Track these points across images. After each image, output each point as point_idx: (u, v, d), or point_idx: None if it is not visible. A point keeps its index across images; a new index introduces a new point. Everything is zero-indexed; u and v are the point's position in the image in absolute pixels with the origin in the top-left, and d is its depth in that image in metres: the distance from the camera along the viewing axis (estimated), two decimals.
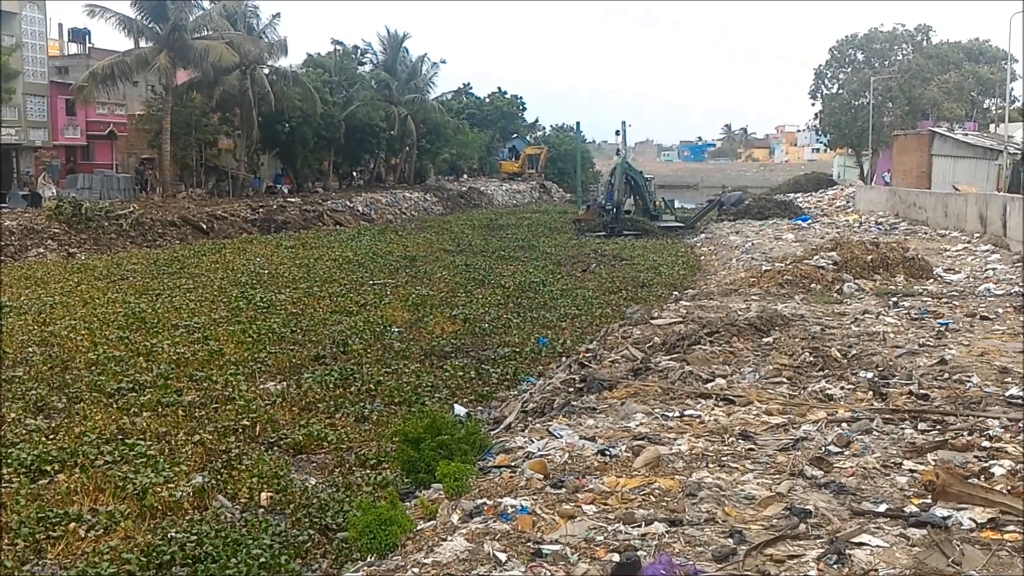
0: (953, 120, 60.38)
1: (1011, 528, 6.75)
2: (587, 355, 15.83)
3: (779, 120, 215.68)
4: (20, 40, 49.62)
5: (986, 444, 8.95)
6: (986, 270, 24.52)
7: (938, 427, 9.73)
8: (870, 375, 12.28)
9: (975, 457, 8.56)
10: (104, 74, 49.84)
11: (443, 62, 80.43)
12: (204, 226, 44.63)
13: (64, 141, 55.77)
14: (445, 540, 7.20)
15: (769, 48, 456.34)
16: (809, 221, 46.87)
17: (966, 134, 52.93)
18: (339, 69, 67.32)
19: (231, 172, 58.20)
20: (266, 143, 60.87)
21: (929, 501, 7.34)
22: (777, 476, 8.22)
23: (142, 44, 51.86)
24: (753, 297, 20.32)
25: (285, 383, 15.98)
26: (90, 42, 63.84)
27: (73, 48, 64.67)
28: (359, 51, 76.44)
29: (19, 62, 46.90)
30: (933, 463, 8.35)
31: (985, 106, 69.25)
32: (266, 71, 56.99)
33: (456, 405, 14.66)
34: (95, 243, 38.17)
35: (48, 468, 11.21)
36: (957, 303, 18.67)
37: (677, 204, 63.52)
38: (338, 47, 73.64)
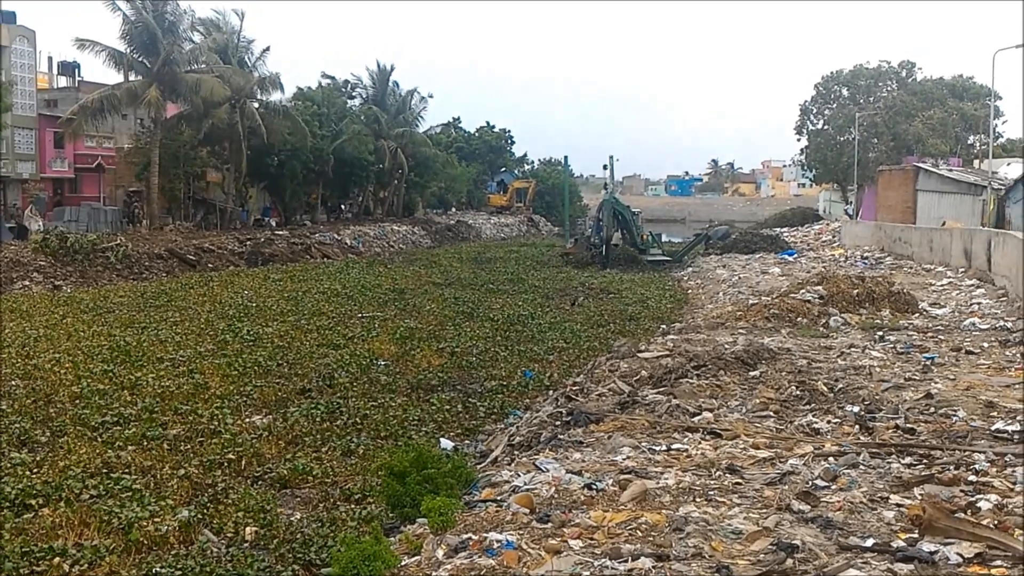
0: (938, 156, 61.02)
1: (998, 563, 6.74)
2: (574, 388, 15.82)
3: (765, 155, 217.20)
4: (10, 74, 49.71)
5: (972, 478, 8.96)
6: (971, 304, 24.65)
7: (924, 461, 9.74)
8: (856, 409, 12.30)
9: (962, 491, 8.57)
10: (93, 107, 49.97)
11: (430, 96, 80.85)
12: (191, 259, 44.56)
13: (52, 174, 55.80)
14: (430, 575, 7.15)
15: (757, 73, 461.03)
16: (795, 255, 47.16)
17: (951, 170, 53.49)
18: (328, 103, 67.65)
19: (219, 205, 58.23)
20: (254, 176, 61.01)
21: (916, 536, 7.33)
22: (764, 510, 8.20)
23: (132, 78, 52.03)
24: (740, 331, 20.37)
25: (271, 417, 15.90)
26: (79, 75, 64.13)
27: (63, 81, 64.95)
28: (349, 85, 76.95)
29: (8, 96, 46.94)
30: (920, 497, 8.35)
31: (969, 142, 70.06)
32: (256, 105, 57.22)
33: (442, 439, 14.59)
34: (81, 276, 38.03)
35: (32, 502, 11.08)
36: (943, 337, 18.75)
37: (664, 238, 63.88)
38: (328, 80, 74.11)
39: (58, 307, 29.19)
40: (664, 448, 10.70)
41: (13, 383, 17.60)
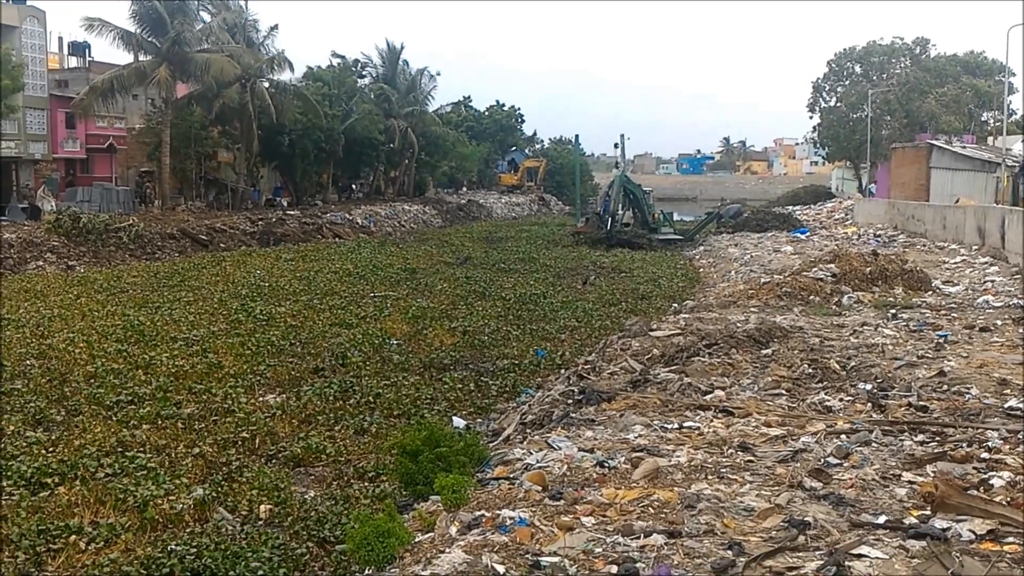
0: (951, 133, 60.55)
1: (1011, 540, 6.75)
2: (586, 367, 15.83)
3: (777, 133, 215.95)
4: (21, 54, 49.65)
5: (985, 456, 8.96)
6: (984, 282, 24.54)
7: (937, 439, 9.74)
8: (869, 387, 12.29)
9: (974, 469, 8.57)
10: (104, 88, 49.94)
11: (438, 74, 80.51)
12: (203, 239, 44.67)
13: (64, 154, 55.82)
14: (443, 552, 7.20)
15: (770, 50, 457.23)
16: (808, 233, 46.97)
17: (964, 147, 53.08)
18: (339, 82, 67.47)
19: (231, 185, 58.25)
20: (266, 156, 60.99)
21: (928, 513, 7.34)
22: (776, 488, 8.22)
23: (142, 58, 51.98)
24: (752, 309, 20.34)
25: (284, 395, 15.98)
26: (90, 56, 63.99)
27: (73, 62, 64.80)
28: (359, 64, 76.64)
29: (20, 77, 46.82)
30: (932, 475, 8.35)
31: (983, 119, 69.49)
32: (266, 84, 57.10)
33: (455, 417, 14.65)
34: (94, 256, 38.17)
35: (48, 480, 11.19)
36: (956, 315, 18.69)
37: (676, 216, 63.66)
38: (338, 60, 73.88)
39: (72, 287, 29.32)
40: (676, 426, 10.71)
41: (28, 363, 17.73)
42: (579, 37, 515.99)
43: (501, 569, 6.58)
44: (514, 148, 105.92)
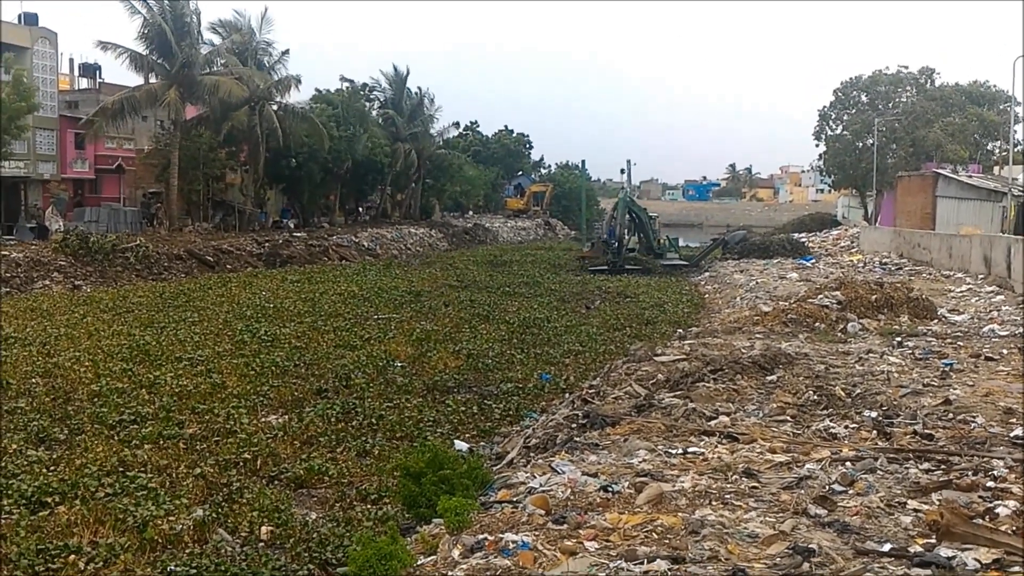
0: (957, 162, 60.58)
1: (1016, 569, 6.70)
2: (590, 391, 15.78)
3: (784, 160, 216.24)
4: (32, 75, 49.97)
5: (991, 484, 8.91)
6: (990, 311, 24.49)
7: (942, 467, 9.69)
8: (874, 414, 12.24)
9: (980, 497, 8.52)
10: (114, 109, 50.33)
11: (433, 95, 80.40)
12: (210, 260, 44.78)
13: (72, 174, 56.12)
14: (446, 575, 7.15)
15: (776, 79, 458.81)
16: (813, 261, 46.96)
17: (970, 176, 53.13)
18: (347, 106, 67.85)
19: (238, 206, 58.45)
20: (273, 178, 61.24)
21: (933, 541, 7.29)
22: (781, 514, 8.17)
23: (152, 80, 52.34)
24: (757, 335, 20.30)
25: (287, 416, 15.94)
26: (100, 77, 64.52)
27: (84, 83, 65.34)
28: (367, 88, 77.10)
29: (32, 97, 47.11)
30: (938, 503, 8.30)
31: (988, 148, 69.54)
32: (274, 107, 57.38)
33: (457, 440, 14.59)
34: (101, 276, 38.29)
35: (48, 500, 11.16)
36: (961, 344, 18.63)
37: (681, 243, 63.66)
38: (347, 84, 74.32)
39: (78, 306, 29.38)
40: (680, 451, 10.67)
41: (33, 381, 17.74)
42: (590, 63, 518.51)
43: None
44: (521, 173, 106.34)
